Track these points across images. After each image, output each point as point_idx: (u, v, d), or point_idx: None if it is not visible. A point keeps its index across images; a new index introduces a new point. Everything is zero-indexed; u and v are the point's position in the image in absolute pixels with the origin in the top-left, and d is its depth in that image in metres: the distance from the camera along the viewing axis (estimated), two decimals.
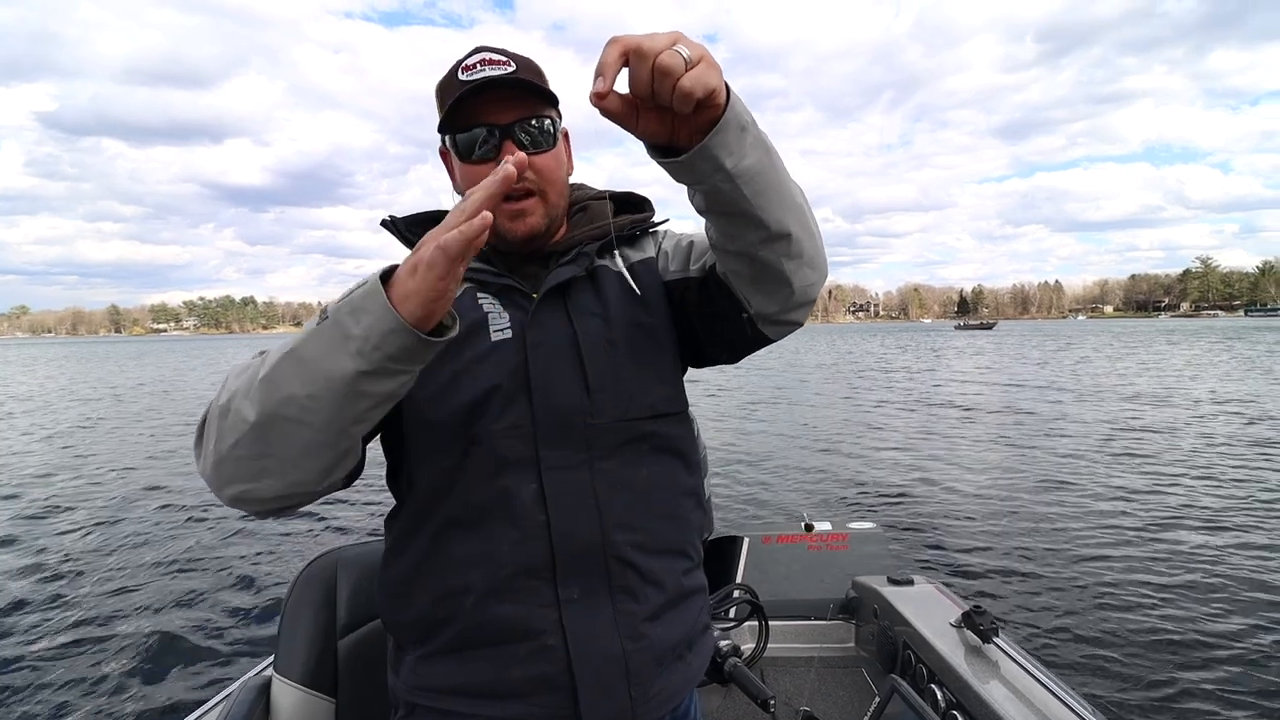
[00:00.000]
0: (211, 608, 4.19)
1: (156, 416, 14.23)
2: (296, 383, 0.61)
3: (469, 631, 0.78)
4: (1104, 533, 5.14)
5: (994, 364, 25.11)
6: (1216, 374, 18.14)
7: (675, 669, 0.84)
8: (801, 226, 0.71)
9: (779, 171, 0.68)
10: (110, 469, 8.63)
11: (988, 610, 1.46)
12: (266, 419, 0.61)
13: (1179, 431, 9.40)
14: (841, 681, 1.88)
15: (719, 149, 0.61)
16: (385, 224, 0.91)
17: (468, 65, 0.80)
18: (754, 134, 0.64)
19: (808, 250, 0.73)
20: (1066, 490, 6.42)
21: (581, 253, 0.87)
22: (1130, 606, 3.82)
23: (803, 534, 2.19)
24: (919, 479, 7.05)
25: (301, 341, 0.62)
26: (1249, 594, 3.92)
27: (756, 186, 0.66)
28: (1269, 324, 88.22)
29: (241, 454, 0.63)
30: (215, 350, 67.05)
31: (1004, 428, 10.31)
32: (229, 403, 0.64)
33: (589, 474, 0.79)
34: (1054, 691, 1.25)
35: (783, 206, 0.69)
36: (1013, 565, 4.50)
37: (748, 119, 0.63)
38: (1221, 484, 6.46)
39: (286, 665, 1.09)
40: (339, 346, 0.60)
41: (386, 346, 0.59)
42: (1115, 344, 39.23)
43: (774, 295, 0.76)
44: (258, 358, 0.68)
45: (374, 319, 0.58)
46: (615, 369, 0.81)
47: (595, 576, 0.78)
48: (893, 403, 13.90)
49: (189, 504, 6.67)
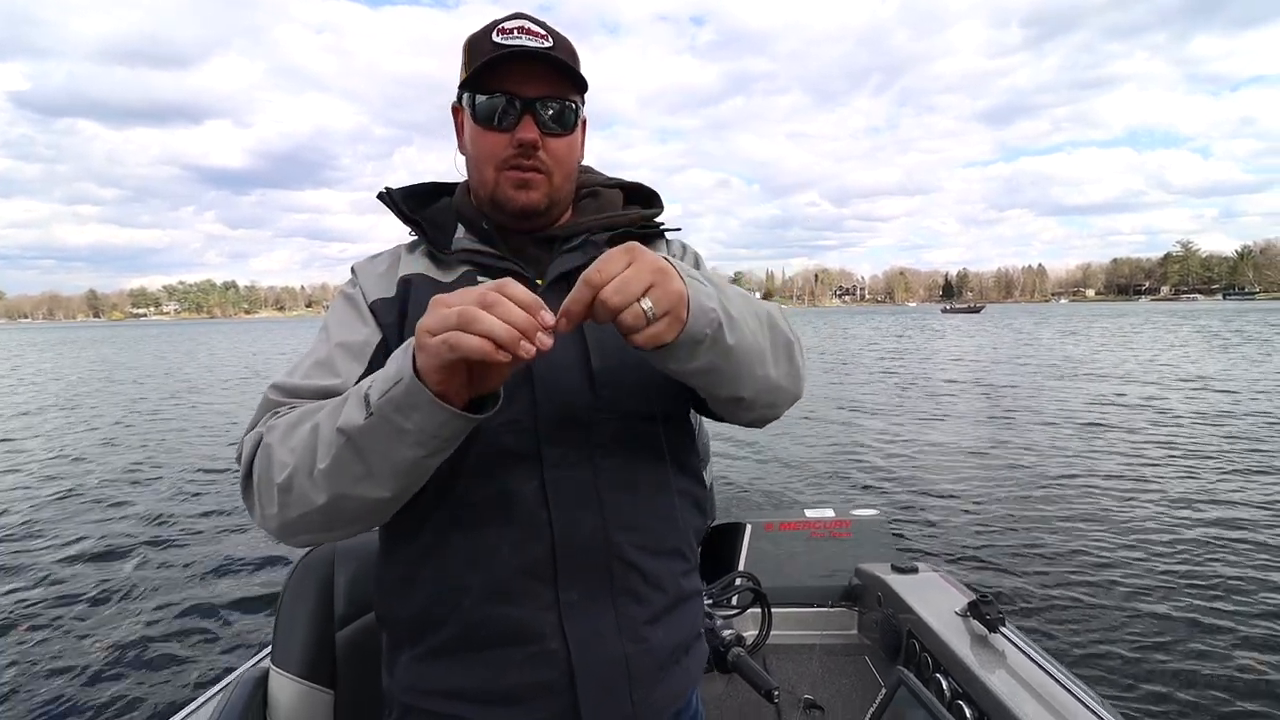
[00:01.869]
0: (208, 599, 4.16)
1: (145, 403, 14.03)
2: (360, 468, 0.63)
3: (466, 632, 0.76)
4: (1111, 521, 5.10)
5: (989, 346, 25.27)
6: (1230, 357, 18.16)
7: (674, 673, 0.82)
8: (757, 387, 0.73)
9: (735, 362, 0.68)
10: (103, 460, 8.51)
11: (994, 599, 1.47)
12: (336, 499, 0.65)
13: (1187, 418, 9.24)
14: (845, 670, 1.89)
15: (662, 360, 0.64)
16: (382, 196, 0.89)
17: (505, 29, 0.78)
18: (710, 344, 0.64)
19: (766, 401, 0.76)
20: (1071, 477, 6.38)
21: (590, 240, 0.85)
22: (1138, 596, 3.79)
23: (805, 520, 2.19)
24: (919, 465, 7.06)
25: (356, 433, 0.62)
26: (1263, 581, 3.90)
27: (708, 380, 0.68)
28: (1255, 308, 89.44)
29: (313, 521, 0.67)
30: (202, 334, 66.01)
31: (1004, 412, 10.30)
32: (289, 480, 0.66)
33: (591, 471, 0.77)
34: (1061, 681, 1.25)
35: (734, 386, 0.71)
36: (1016, 553, 4.49)
37: (704, 333, 0.62)
38: (1241, 473, 6.35)
39: (284, 657, 1.08)
40: (396, 439, 0.61)
41: (444, 433, 0.61)
42: (1115, 325, 39.55)
43: (743, 420, 0.81)
44: (292, 418, 0.71)
45: (424, 415, 0.59)
46: (622, 363, 0.79)
47: (597, 578, 0.77)
48: (889, 387, 13.96)
49: (184, 495, 6.60)
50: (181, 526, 5.61)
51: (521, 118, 0.78)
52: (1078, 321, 50.42)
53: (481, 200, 0.86)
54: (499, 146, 0.79)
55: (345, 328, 0.82)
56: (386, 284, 0.84)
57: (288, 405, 0.75)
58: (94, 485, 7.15)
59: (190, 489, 6.79)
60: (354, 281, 0.88)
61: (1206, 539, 4.64)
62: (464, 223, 0.88)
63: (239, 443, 0.75)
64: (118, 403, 14.28)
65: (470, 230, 0.88)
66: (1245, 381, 12.87)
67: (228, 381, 18.60)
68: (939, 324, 54.15)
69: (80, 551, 5.09)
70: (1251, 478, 6.20)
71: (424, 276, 0.84)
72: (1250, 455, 7.03)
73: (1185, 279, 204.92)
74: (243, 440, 0.74)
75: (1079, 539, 4.71)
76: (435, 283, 0.83)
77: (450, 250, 0.85)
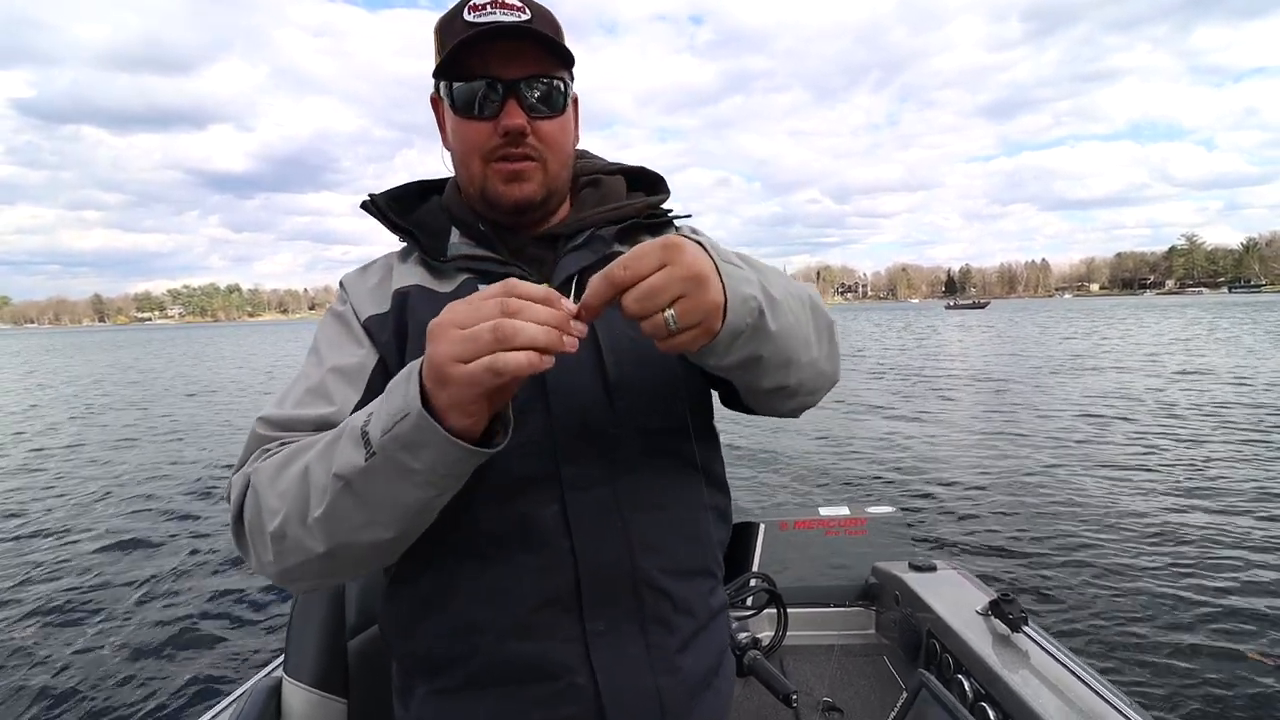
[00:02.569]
0: (221, 609, 4.16)
1: (153, 412, 14.05)
2: (361, 516, 0.57)
3: (485, 671, 0.71)
4: (1133, 516, 4.98)
5: (1001, 341, 25.07)
6: (1254, 350, 17.89)
7: (706, 698, 0.77)
8: (802, 374, 0.68)
9: (778, 347, 0.62)
10: (115, 468, 8.51)
11: (1015, 598, 1.45)
12: (337, 548, 0.59)
13: (1218, 411, 9.06)
14: (863, 670, 1.87)
15: (703, 357, 0.59)
16: (366, 206, 0.82)
17: (477, 5, 0.70)
18: (753, 328, 0.58)
19: (808, 387, 0.71)
20: (1090, 472, 6.27)
21: (595, 236, 0.79)
22: (1166, 593, 3.69)
23: (819, 519, 2.17)
24: (933, 461, 6.98)
25: (354, 476, 0.56)
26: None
27: (750, 372, 0.64)
28: (1262, 300, 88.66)
29: (312, 569, 0.62)
30: (207, 338, 66.15)
31: (1019, 407, 10.19)
32: (282, 528, 0.60)
33: (612, 492, 0.71)
34: (1088, 682, 1.22)
35: (778, 376, 0.66)
36: (1036, 550, 4.39)
37: (746, 322, 0.57)
38: (1272, 466, 6.17)
39: (297, 667, 1.07)
40: (402, 480, 0.55)
41: (456, 470, 0.56)
42: (1127, 319, 39.11)
43: (779, 411, 0.77)
44: (275, 448, 0.67)
45: (435, 452, 0.53)
46: (639, 369, 0.73)
47: (624, 606, 0.71)
48: (900, 384, 13.86)
49: (195, 505, 6.61)
50: (193, 535, 5.61)
51: (505, 103, 0.71)
52: (1095, 317, 50.01)
53: (472, 197, 0.79)
54: (483, 136, 0.72)
55: (337, 350, 0.76)
56: (380, 298, 0.78)
57: (278, 440, 0.69)
58: (108, 493, 7.16)
59: (203, 497, 6.80)
60: (344, 298, 0.81)
61: (1237, 535, 4.52)
62: (458, 225, 0.82)
63: (228, 483, 0.69)
64: (126, 408, 14.35)
65: (466, 233, 0.81)
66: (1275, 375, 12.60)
67: (241, 384, 18.67)
68: (945, 321, 53.92)
69: (94, 559, 5.10)
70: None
71: (421, 288, 0.77)
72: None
73: (1190, 272, 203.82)
74: (231, 480, 0.68)
75: (1100, 535, 4.61)
76: (433, 294, 0.76)
77: (447, 258, 0.79)
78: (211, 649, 3.66)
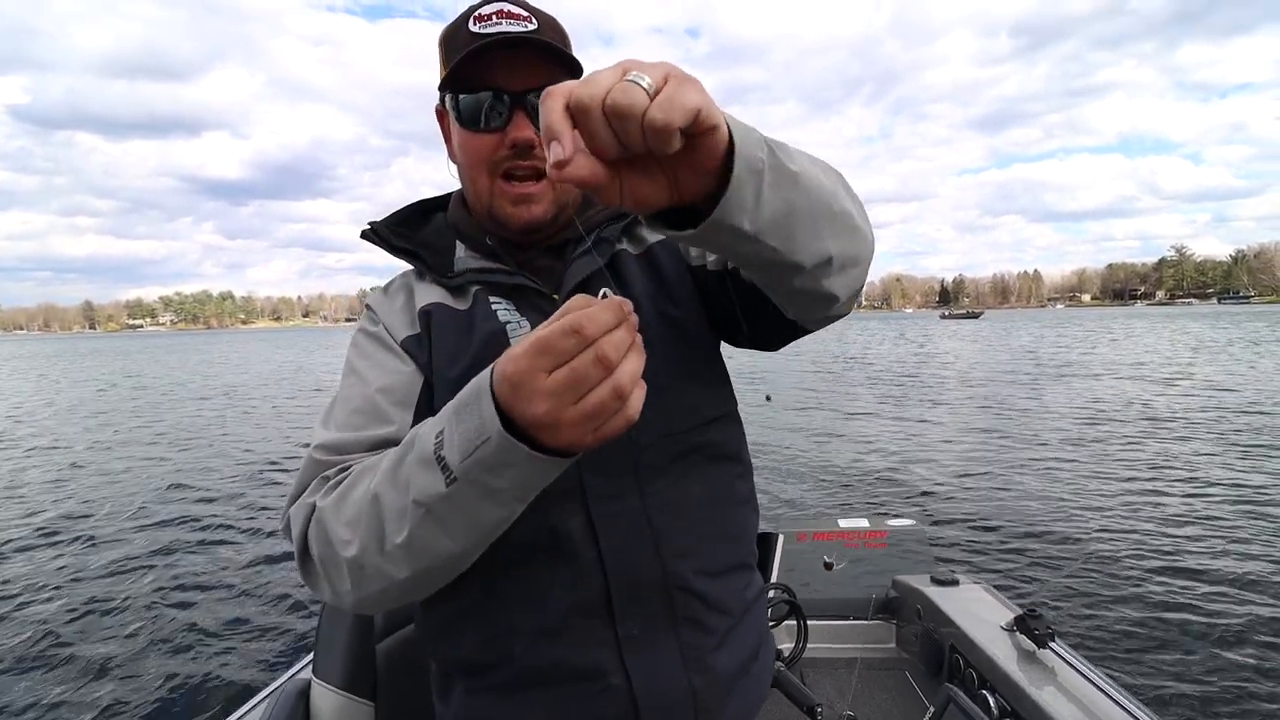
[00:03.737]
0: (251, 610, 4.20)
1: (179, 415, 14.06)
2: (445, 541, 0.57)
3: (522, 674, 0.72)
4: (1167, 530, 4.83)
5: (1007, 352, 25.03)
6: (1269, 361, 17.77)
7: (742, 689, 0.78)
8: (843, 238, 0.58)
9: (810, 194, 0.53)
10: (146, 469, 8.58)
11: (1042, 614, 1.45)
12: (420, 572, 0.59)
13: (1245, 422, 8.91)
14: (884, 684, 1.87)
15: (733, 213, 0.47)
16: (366, 235, 0.82)
17: (482, 15, 0.69)
18: (772, 167, 0.48)
19: (852, 255, 0.61)
20: (1119, 485, 6.14)
21: (600, 238, 0.78)
22: (1200, 610, 3.58)
23: (839, 531, 2.16)
24: (953, 474, 6.88)
25: (435, 503, 0.55)
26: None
27: (785, 232, 0.52)
28: (1252, 311, 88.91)
29: (392, 594, 0.61)
30: (202, 345, 65.66)
31: (1037, 418, 10.12)
32: (359, 559, 0.59)
33: (639, 500, 0.72)
34: (1117, 700, 1.22)
35: (818, 235, 0.55)
36: (1060, 565, 4.29)
37: (760, 154, 0.47)
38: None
39: (325, 669, 1.08)
40: (484, 501, 0.54)
41: (539, 485, 0.55)
42: (1133, 329, 38.96)
43: (814, 307, 0.66)
44: (334, 474, 0.65)
45: (520, 471, 0.52)
46: (653, 375, 0.72)
47: (657, 610, 0.72)
48: (907, 394, 13.82)
49: (226, 509, 6.66)
50: (224, 538, 5.67)
51: (512, 114, 0.69)
52: (1094, 326, 50.07)
53: (479, 213, 0.78)
54: (490, 149, 0.71)
55: (382, 371, 0.75)
56: (409, 319, 0.78)
57: (337, 466, 0.68)
58: (137, 496, 7.22)
59: (231, 506, 6.83)
60: (374, 319, 0.80)
61: (1268, 547, 4.44)
62: (463, 239, 0.81)
63: (284, 513, 0.68)
64: (143, 411, 14.39)
65: (472, 247, 0.80)
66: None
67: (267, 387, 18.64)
68: (942, 330, 54.03)
69: (124, 560, 5.16)
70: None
71: (442, 306, 0.77)
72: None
73: (1180, 283, 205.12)
74: (287, 512, 0.68)
75: (1127, 550, 4.51)
76: (454, 311, 0.77)
77: (454, 273, 0.78)
78: (241, 650, 3.69)
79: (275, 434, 11.10)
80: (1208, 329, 38.02)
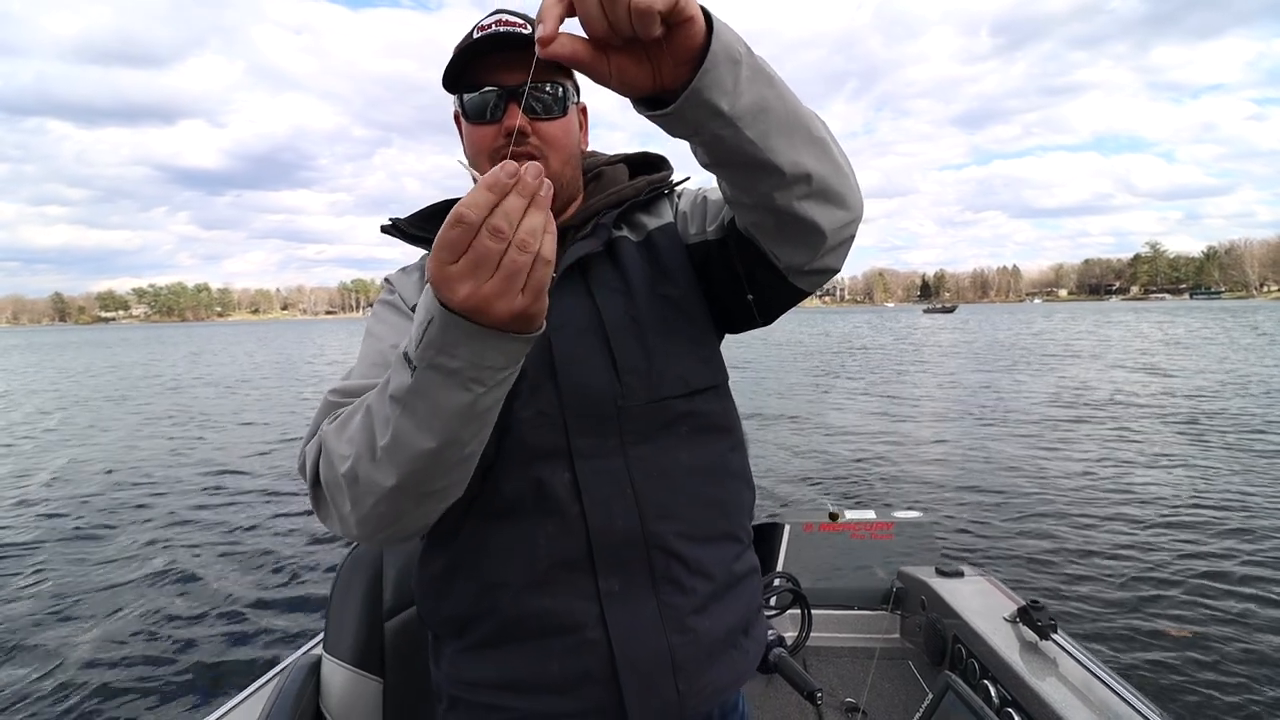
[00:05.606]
0: (264, 589, 4.27)
1: (180, 403, 14.11)
2: (421, 437, 0.59)
3: (507, 626, 0.77)
4: (1173, 521, 4.85)
5: (1003, 345, 25.11)
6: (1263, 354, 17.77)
7: (728, 658, 0.81)
8: (822, 162, 0.64)
9: (787, 103, 0.60)
10: (161, 456, 8.61)
11: (1045, 605, 1.48)
12: (405, 477, 0.61)
13: (1257, 421, 8.79)
14: (887, 673, 1.91)
15: (710, 89, 0.53)
16: (387, 229, 0.88)
17: (483, 26, 0.77)
18: (750, 65, 0.56)
19: (834, 186, 0.65)
20: (1125, 477, 6.14)
21: (599, 224, 0.83)
22: (1206, 603, 3.59)
23: (845, 522, 2.18)
24: (960, 467, 6.90)
25: (406, 395, 0.58)
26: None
27: (761, 127, 0.58)
28: (1224, 306, 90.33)
29: (384, 510, 0.64)
30: (181, 338, 64.68)
31: (1041, 409, 10.14)
32: (354, 470, 0.63)
33: (623, 461, 0.76)
34: (1118, 691, 1.23)
35: (795, 144, 0.61)
36: (1064, 556, 4.31)
37: (740, 48, 0.54)
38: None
39: (336, 645, 1.11)
40: (447, 385, 0.57)
41: (494, 362, 0.56)
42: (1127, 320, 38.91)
43: (803, 243, 0.70)
44: (347, 410, 0.68)
45: (470, 347, 0.54)
46: (644, 347, 0.78)
47: (637, 568, 0.76)
48: (903, 387, 13.92)
49: (240, 489, 6.72)
50: (239, 520, 5.72)
51: (507, 106, 0.77)
52: (1081, 320, 50.37)
53: None
54: (489, 139, 0.78)
55: (396, 330, 0.82)
56: (421, 289, 0.82)
57: (347, 405, 0.72)
58: (151, 478, 7.30)
59: (246, 485, 6.90)
60: (391, 289, 0.89)
61: (1276, 539, 4.45)
62: None
63: (300, 454, 0.72)
64: (157, 404, 14.27)
65: None
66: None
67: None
68: (926, 323, 54.58)
69: (138, 540, 5.22)
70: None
71: None
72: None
73: (1154, 279, 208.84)
74: (303, 451, 0.72)
75: (1133, 541, 4.53)
76: None
77: None
78: (254, 626, 3.76)
79: (289, 419, 11.31)
80: (1207, 322, 38.47)
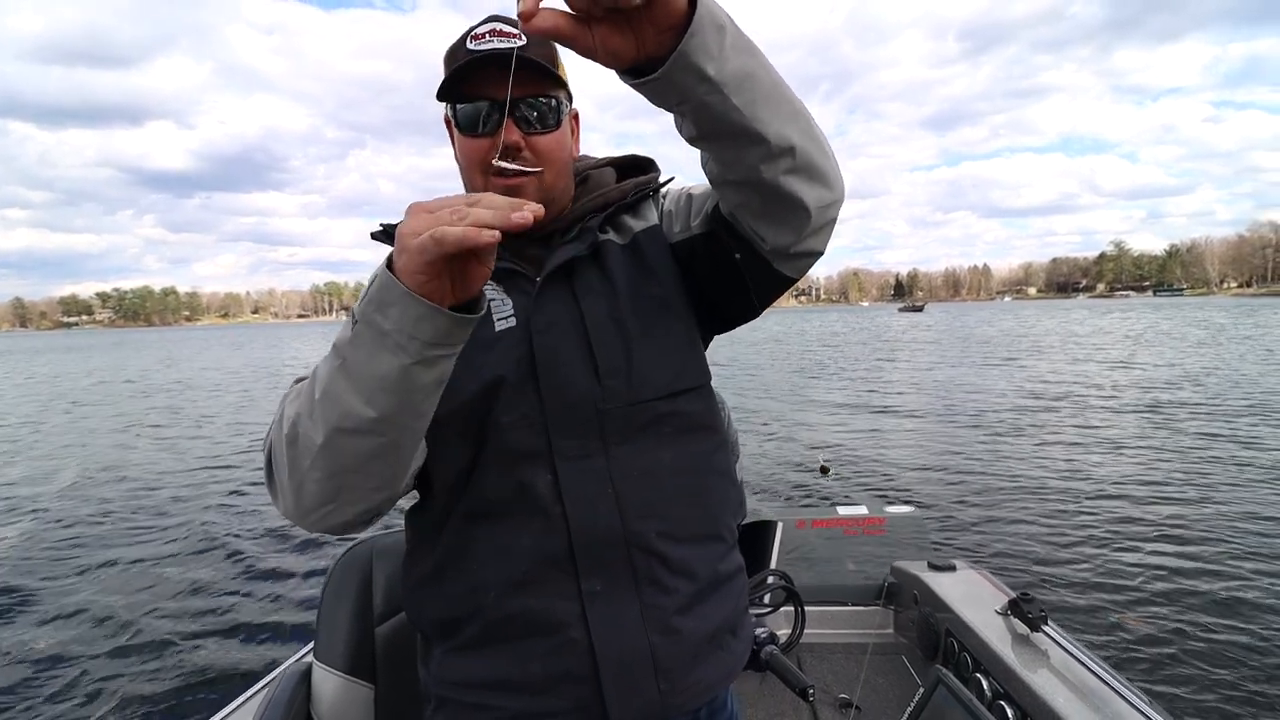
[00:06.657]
0: (254, 597, 4.22)
1: (169, 410, 13.96)
2: (351, 396, 0.60)
3: (492, 627, 0.77)
4: (1161, 515, 4.89)
5: (991, 342, 25.48)
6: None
7: (714, 659, 0.82)
8: (805, 137, 0.65)
9: (771, 74, 0.62)
10: (146, 463, 8.49)
11: (1035, 598, 1.49)
12: (332, 435, 0.61)
13: (1248, 412, 8.86)
14: (881, 669, 1.92)
15: (697, 53, 0.54)
16: (377, 235, 0.86)
17: (477, 34, 0.77)
18: (734, 33, 0.57)
19: (818, 163, 0.67)
20: (1115, 471, 6.18)
21: (585, 228, 0.84)
22: (1192, 593, 3.64)
23: (838, 518, 2.18)
24: (951, 462, 6.95)
25: (344, 351, 0.60)
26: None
27: (748, 95, 0.59)
28: (1187, 302, 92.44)
29: (318, 475, 0.64)
30: (147, 343, 62.95)
31: (1029, 404, 10.27)
32: (295, 429, 0.64)
33: (605, 462, 0.77)
34: (1108, 682, 1.25)
35: (781, 115, 0.63)
36: (1055, 550, 4.35)
37: (724, 16, 0.56)
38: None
39: (326, 652, 1.11)
40: (378, 346, 0.58)
41: (421, 333, 0.57)
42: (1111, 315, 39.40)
43: (788, 222, 0.71)
44: (305, 380, 0.68)
45: (400, 310, 0.56)
46: (626, 349, 0.79)
47: (619, 568, 0.76)
48: (887, 384, 14.03)
49: (227, 495, 6.65)
50: (227, 528, 5.66)
51: (502, 121, 0.77)
52: (1057, 317, 51.05)
53: None
54: (482, 151, 0.79)
55: None
56: None
57: None
58: (138, 487, 7.16)
59: (232, 490, 6.84)
60: None
61: (1266, 534, 4.49)
62: None
63: (265, 440, 0.72)
64: (145, 409, 14.12)
65: None
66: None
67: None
68: (902, 321, 55.35)
69: (129, 549, 5.15)
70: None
71: None
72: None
73: (1119, 277, 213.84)
74: (267, 436, 0.72)
75: (1122, 534, 4.57)
76: None
77: None
78: (244, 634, 3.72)
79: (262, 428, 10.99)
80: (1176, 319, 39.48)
